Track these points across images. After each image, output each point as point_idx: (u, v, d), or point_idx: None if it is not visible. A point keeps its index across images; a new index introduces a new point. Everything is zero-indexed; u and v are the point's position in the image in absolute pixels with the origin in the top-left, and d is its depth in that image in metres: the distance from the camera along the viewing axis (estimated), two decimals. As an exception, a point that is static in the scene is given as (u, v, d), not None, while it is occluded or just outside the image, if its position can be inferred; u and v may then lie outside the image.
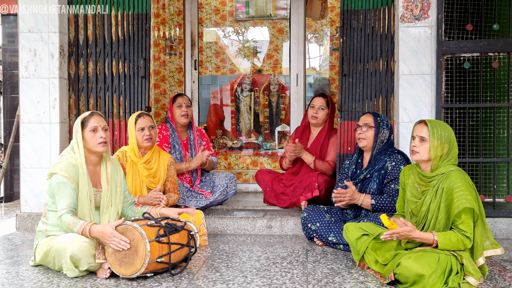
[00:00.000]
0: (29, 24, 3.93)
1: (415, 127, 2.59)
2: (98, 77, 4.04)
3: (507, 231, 3.56)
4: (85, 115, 2.78)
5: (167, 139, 3.97)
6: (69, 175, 2.66)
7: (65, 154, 2.77)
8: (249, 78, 6.16)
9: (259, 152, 5.72)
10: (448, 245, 2.39)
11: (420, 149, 2.53)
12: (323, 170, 3.87)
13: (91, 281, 2.55)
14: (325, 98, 4.05)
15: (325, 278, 2.59)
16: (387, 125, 3.20)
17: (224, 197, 3.97)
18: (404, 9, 3.66)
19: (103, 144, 2.75)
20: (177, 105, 4.00)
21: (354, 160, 3.33)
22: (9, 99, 5.67)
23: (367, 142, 3.18)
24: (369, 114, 3.24)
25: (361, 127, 3.20)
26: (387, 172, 3.09)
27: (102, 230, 2.52)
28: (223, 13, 6.25)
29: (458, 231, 2.40)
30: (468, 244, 2.40)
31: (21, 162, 3.98)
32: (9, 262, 2.94)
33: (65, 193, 2.63)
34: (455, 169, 2.49)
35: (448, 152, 2.51)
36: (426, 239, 2.42)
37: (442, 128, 2.52)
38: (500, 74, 3.74)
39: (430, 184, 2.53)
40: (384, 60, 3.82)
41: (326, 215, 3.34)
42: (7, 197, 5.57)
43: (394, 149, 3.19)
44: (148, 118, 3.39)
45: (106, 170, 2.84)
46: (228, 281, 2.54)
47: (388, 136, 3.19)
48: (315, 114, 4.01)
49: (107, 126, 2.80)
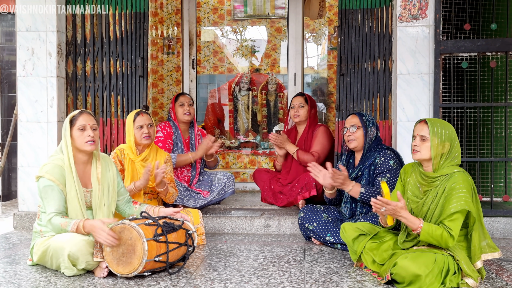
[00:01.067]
0: (27, 23, 3.92)
1: (416, 126, 2.58)
2: (96, 76, 4.04)
3: (504, 231, 3.57)
4: (74, 114, 2.76)
5: (171, 135, 3.98)
6: (55, 177, 2.64)
7: (54, 155, 2.76)
8: (247, 77, 6.16)
9: (257, 152, 5.72)
10: (430, 236, 2.37)
11: (421, 148, 2.52)
12: (306, 160, 3.86)
13: (88, 280, 2.55)
14: (303, 96, 4.11)
15: (323, 277, 2.59)
16: (373, 123, 3.22)
17: (222, 196, 3.97)
18: (402, 8, 3.66)
19: (91, 143, 2.73)
20: (179, 104, 4.01)
21: (344, 161, 3.35)
22: (6, 98, 5.66)
23: (357, 142, 3.19)
24: (353, 115, 3.25)
25: (348, 129, 3.20)
26: (376, 166, 3.11)
27: (93, 224, 2.53)
28: (221, 12, 6.24)
29: (444, 227, 2.38)
30: (450, 243, 2.37)
31: (19, 161, 3.97)
32: (6, 261, 2.93)
33: (52, 196, 2.62)
34: (459, 171, 2.47)
35: (449, 151, 2.49)
36: (412, 222, 2.39)
37: (442, 126, 2.51)
38: (498, 73, 3.75)
39: (433, 185, 2.52)
40: (382, 59, 3.82)
41: (323, 214, 3.34)
42: (5, 196, 5.56)
43: (383, 145, 3.21)
44: (147, 116, 3.39)
45: (97, 170, 2.83)
46: (225, 280, 2.54)
47: (376, 134, 3.22)
48: (296, 113, 4.07)
49: (96, 125, 2.78)
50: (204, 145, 3.90)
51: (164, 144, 3.87)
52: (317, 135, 4.02)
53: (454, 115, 3.65)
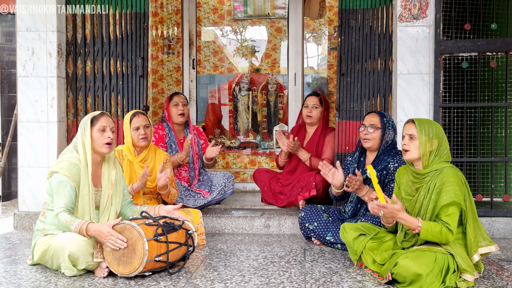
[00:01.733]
0: (27, 23, 3.92)
1: (404, 126, 2.64)
2: (96, 76, 4.04)
3: (504, 231, 3.56)
4: (95, 114, 2.79)
5: (163, 138, 3.96)
6: (70, 174, 2.66)
7: (67, 153, 2.77)
8: (247, 77, 6.15)
9: (257, 152, 5.72)
10: (430, 233, 2.39)
11: (410, 146, 2.56)
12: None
13: (89, 280, 2.55)
14: (318, 97, 4.06)
15: (323, 277, 2.59)
16: (393, 126, 3.16)
17: (222, 196, 3.97)
18: (402, 8, 3.66)
19: (109, 146, 2.76)
20: (173, 104, 3.99)
21: (356, 158, 3.29)
22: (7, 98, 5.66)
23: (372, 143, 3.13)
24: (375, 114, 3.16)
25: (367, 127, 3.14)
26: (388, 172, 3.07)
27: (99, 229, 2.52)
28: (221, 12, 6.24)
29: (442, 223, 2.41)
30: (450, 237, 2.40)
31: (19, 161, 3.97)
32: (7, 261, 2.93)
33: (64, 192, 2.63)
34: (448, 166, 2.52)
35: (438, 148, 2.54)
36: (410, 222, 2.42)
37: (429, 124, 2.56)
38: (498, 73, 3.75)
39: (423, 181, 2.55)
40: (382, 59, 3.82)
41: (324, 214, 3.34)
42: (5, 196, 5.56)
43: (397, 150, 3.16)
44: (143, 117, 3.37)
45: (109, 171, 2.84)
46: (226, 280, 2.54)
47: (393, 137, 3.16)
48: (309, 113, 4.02)
49: (114, 128, 2.81)
50: (185, 146, 3.77)
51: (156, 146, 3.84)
52: (330, 141, 3.98)
53: (454, 115, 3.65)
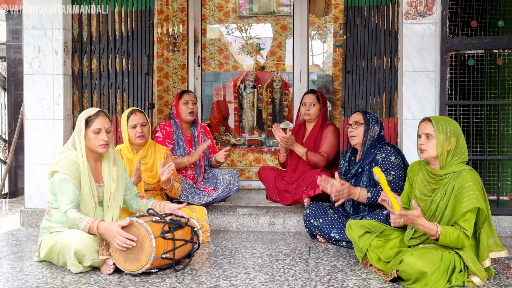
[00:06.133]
0: (33, 20, 3.93)
1: (420, 125, 2.57)
2: (101, 74, 4.05)
3: (511, 229, 3.55)
4: (90, 114, 2.76)
5: (170, 135, 3.96)
6: (70, 171, 2.67)
7: (65, 151, 2.77)
8: (252, 75, 6.15)
9: (262, 149, 5.72)
10: (448, 239, 2.37)
11: (427, 146, 2.50)
12: (316, 161, 3.87)
13: (94, 276, 2.56)
14: (315, 94, 4.07)
15: (328, 275, 2.59)
16: (377, 121, 3.22)
17: (227, 194, 3.97)
18: (408, 5, 3.65)
19: (104, 146, 2.76)
20: (183, 102, 4.00)
21: (346, 158, 3.36)
22: (13, 96, 5.68)
23: (358, 139, 3.20)
24: (358, 112, 3.28)
25: (351, 125, 3.23)
26: (377, 164, 3.10)
27: (108, 228, 2.52)
28: (226, 10, 6.24)
29: (459, 228, 2.38)
30: (466, 243, 2.37)
31: (25, 158, 4.00)
32: (13, 258, 2.95)
33: (68, 190, 2.64)
34: (467, 168, 2.46)
35: (456, 147, 2.48)
36: (429, 228, 2.38)
37: (446, 122, 2.49)
38: (505, 71, 3.73)
39: (441, 182, 2.50)
40: (388, 57, 3.81)
41: (329, 211, 3.35)
42: (12, 193, 5.59)
43: (383, 142, 3.21)
44: (141, 115, 3.37)
45: (109, 167, 2.85)
46: (231, 277, 2.55)
47: (378, 132, 3.21)
48: (307, 111, 4.04)
49: (111, 128, 2.79)
50: (199, 150, 3.85)
51: (162, 145, 3.85)
52: (327, 135, 4.00)
53: (460, 113, 3.63)
